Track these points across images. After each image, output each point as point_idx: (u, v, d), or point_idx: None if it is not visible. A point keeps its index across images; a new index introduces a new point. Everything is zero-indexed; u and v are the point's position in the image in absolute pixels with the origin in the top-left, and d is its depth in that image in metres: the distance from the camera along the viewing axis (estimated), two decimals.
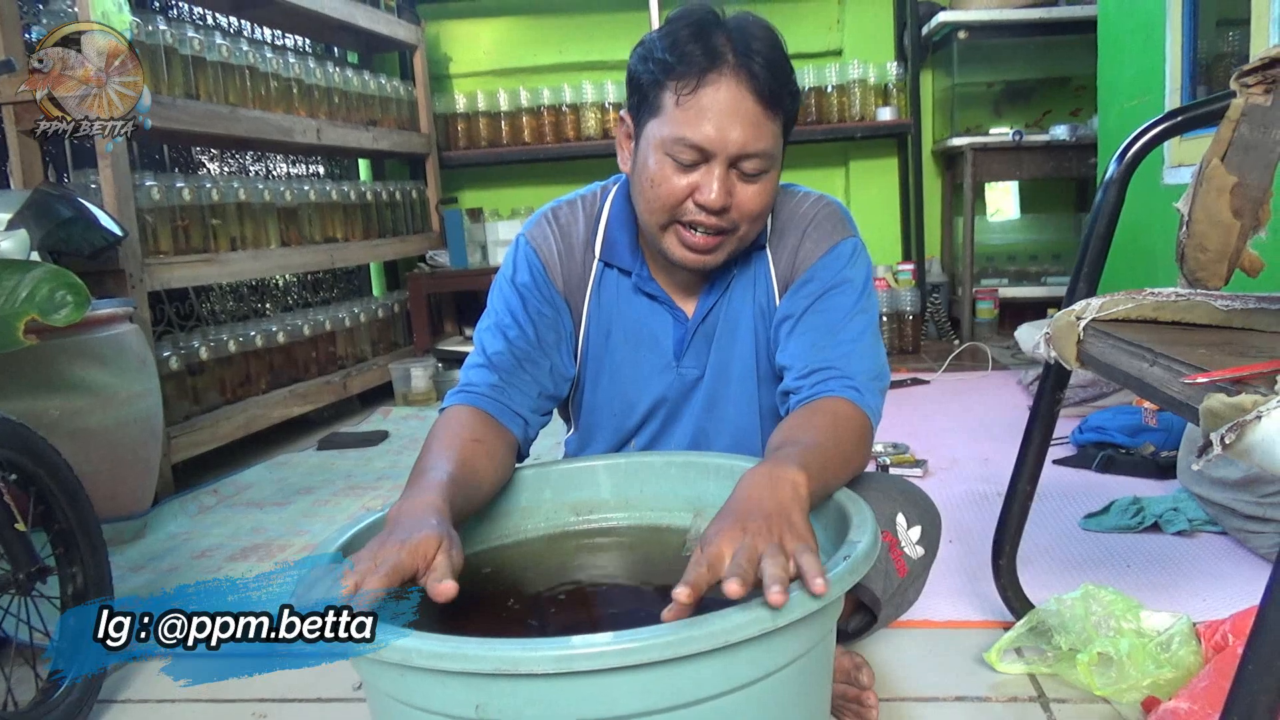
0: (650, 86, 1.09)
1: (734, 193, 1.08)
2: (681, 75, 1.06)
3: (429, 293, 3.91)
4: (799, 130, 4.07)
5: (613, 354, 1.25)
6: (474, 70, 4.48)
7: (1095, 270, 1.23)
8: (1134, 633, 1.18)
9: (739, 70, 1.05)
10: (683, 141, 1.06)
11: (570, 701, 0.69)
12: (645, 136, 1.11)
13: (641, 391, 1.26)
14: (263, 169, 3.64)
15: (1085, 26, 3.39)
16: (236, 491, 2.50)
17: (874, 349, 1.15)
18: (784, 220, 1.22)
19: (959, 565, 1.65)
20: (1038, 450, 1.30)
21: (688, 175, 1.08)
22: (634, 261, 1.22)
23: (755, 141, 1.06)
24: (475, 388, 1.13)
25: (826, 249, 1.19)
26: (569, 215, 1.25)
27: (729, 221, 1.10)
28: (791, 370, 1.13)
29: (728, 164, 1.07)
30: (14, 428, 1.30)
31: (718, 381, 1.24)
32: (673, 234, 1.12)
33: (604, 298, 1.24)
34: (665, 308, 1.23)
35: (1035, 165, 3.83)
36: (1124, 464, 2.13)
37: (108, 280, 2.30)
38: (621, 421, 1.28)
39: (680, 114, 1.06)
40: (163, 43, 2.63)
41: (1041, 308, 3.91)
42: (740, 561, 0.72)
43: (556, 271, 1.22)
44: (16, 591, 1.25)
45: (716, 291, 1.22)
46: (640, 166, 1.12)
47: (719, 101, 1.05)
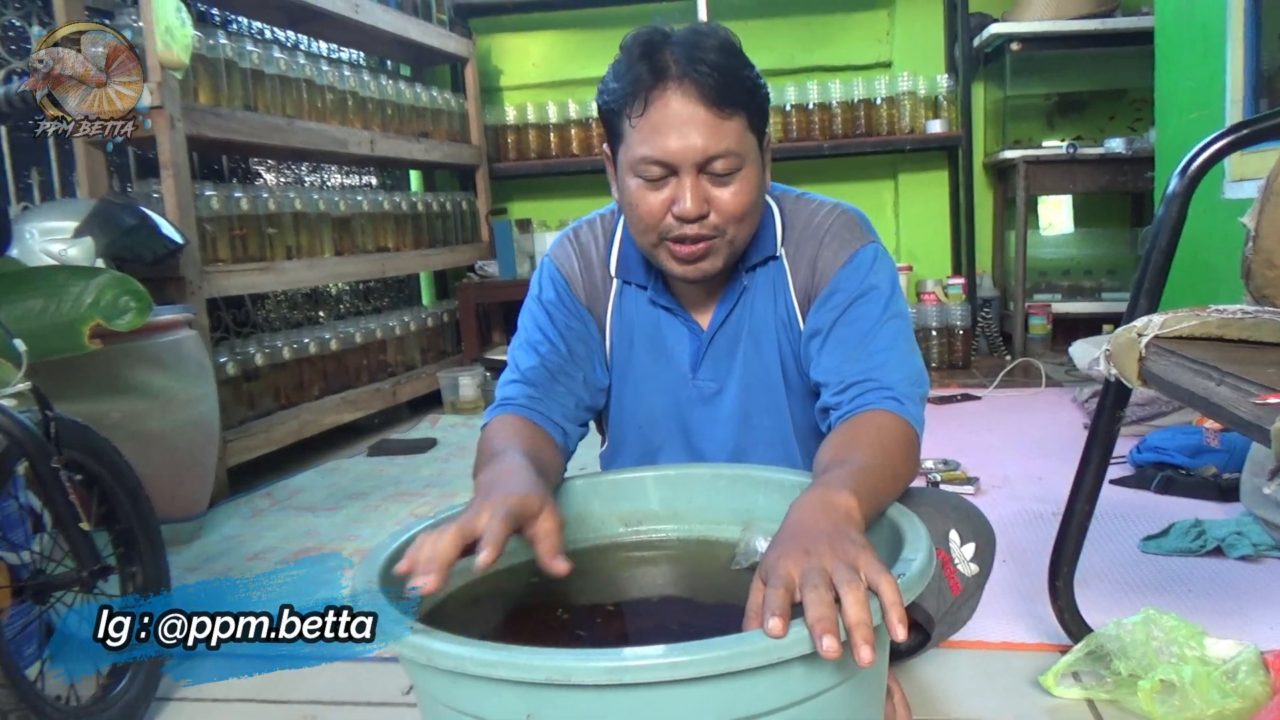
0: (611, 116, 1.12)
1: (710, 199, 1.09)
2: (632, 98, 1.08)
3: (478, 302, 3.95)
4: (847, 143, 4.09)
5: (635, 368, 1.26)
6: (524, 82, 4.53)
7: (1157, 286, 1.20)
8: (1198, 660, 1.14)
9: (682, 80, 1.06)
10: (645, 160, 1.07)
11: (620, 713, 0.69)
12: (619, 164, 1.13)
13: (661, 405, 1.26)
14: (318, 180, 3.71)
15: (1142, 38, 3.33)
16: (289, 495, 2.54)
17: (909, 355, 1.13)
18: (800, 230, 1.21)
19: (1013, 585, 1.62)
20: (1097, 469, 1.27)
21: (661, 191, 1.09)
22: (648, 276, 1.23)
23: (715, 144, 1.06)
24: (513, 400, 1.15)
25: (846, 258, 1.17)
26: (588, 234, 1.28)
27: (712, 228, 1.10)
28: (828, 386, 1.12)
29: (695, 171, 1.07)
30: (80, 429, 1.33)
31: (748, 395, 1.24)
32: (664, 251, 1.13)
33: (625, 311, 1.25)
34: (680, 320, 1.24)
35: (1089, 179, 3.76)
36: (1184, 485, 2.08)
37: (168, 287, 2.36)
38: (646, 435, 1.28)
39: (637, 135, 1.08)
40: (223, 56, 2.70)
41: (1096, 324, 3.83)
42: (815, 582, 0.70)
43: (579, 287, 1.25)
44: (79, 589, 1.28)
45: (729, 302, 1.21)
46: (622, 193, 1.14)
47: (669, 114, 1.06)
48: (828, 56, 4.36)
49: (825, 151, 4.08)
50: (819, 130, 4.12)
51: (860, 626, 0.67)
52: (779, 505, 1.06)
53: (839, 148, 4.09)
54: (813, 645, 0.67)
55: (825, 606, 0.68)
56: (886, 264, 1.19)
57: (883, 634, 0.77)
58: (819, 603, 0.68)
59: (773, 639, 0.67)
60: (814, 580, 0.70)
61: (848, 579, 0.70)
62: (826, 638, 0.66)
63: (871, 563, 0.73)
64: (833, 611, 0.68)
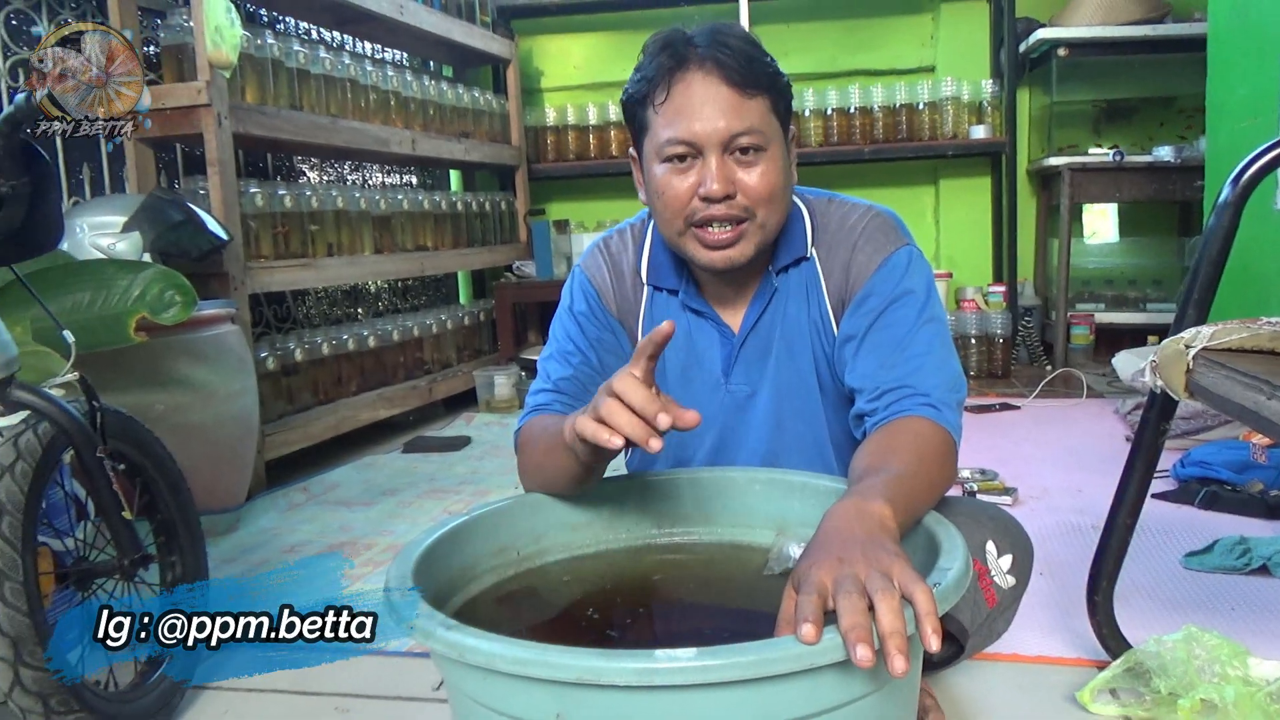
0: (635, 109, 1.14)
1: (736, 180, 1.09)
2: (654, 85, 1.10)
3: (514, 302, 3.97)
4: (888, 147, 4.06)
5: (667, 375, 1.25)
6: (564, 84, 4.55)
7: (1206, 297, 1.18)
8: (1240, 680, 1.12)
9: (704, 61, 1.07)
10: (670, 141, 1.09)
11: (650, 715, 0.68)
12: (645, 156, 1.14)
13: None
14: (359, 178, 3.75)
15: (1193, 44, 3.26)
16: (325, 490, 2.57)
17: (945, 360, 1.11)
18: (833, 232, 1.20)
19: (1050, 599, 1.59)
20: (1139, 482, 1.25)
21: (687, 175, 1.10)
22: (679, 280, 1.23)
23: (738, 122, 1.07)
24: (546, 406, 1.17)
25: (880, 261, 1.16)
26: (619, 244, 1.28)
27: (740, 209, 1.10)
28: (863, 393, 1.11)
29: (720, 151, 1.08)
30: (124, 420, 1.36)
31: (782, 400, 1.23)
32: (692, 238, 1.13)
33: (656, 319, 1.24)
34: (711, 323, 1.23)
35: (1136, 187, 3.69)
36: (1229, 501, 2.03)
37: (212, 282, 2.40)
38: (678, 440, 1.27)
39: (661, 119, 1.09)
40: (270, 56, 2.74)
41: (1140, 334, 3.76)
42: (849, 589, 0.69)
43: (610, 298, 1.26)
44: (121, 577, 1.31)
45: (759, 305, 1.21)
46: (649, 184, 1.15)
47: (691, 95, 1.07)
48: (871, 60, 4.33)
49: (865, 156, 4.05)
50: (860, 134, 4.09)
51: (894, 635, 0.66)
52: (813, 511, 1.05)
53: (879, 152, 4.06)
54: (845, 653, 0.66)
55: (859, 614, 0.67)
56: (922, 267, 1.17)
57: (916, 644, 0.76)
58: (853, 610, 0.67)
59: (805, 645, 0.67)
60: (847, 588, 0.70)
61: (882, 587, 0.69)
62: (860, 646, 0.65)
63: (906, 571, 0.72)
64: (866, 620, 0.67)
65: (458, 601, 0.96)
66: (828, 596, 0.71)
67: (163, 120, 2.42)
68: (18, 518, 1.14)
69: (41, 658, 1.11)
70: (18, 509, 1.14)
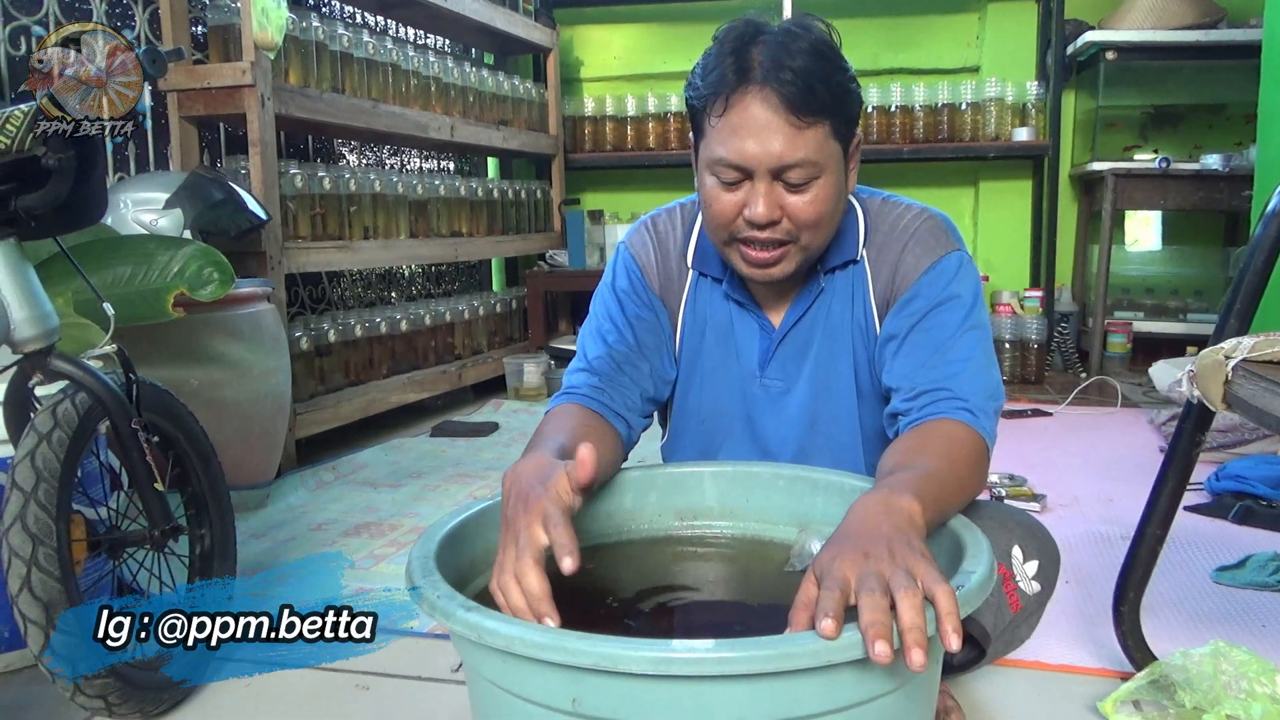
0: (694, 112, 1.12)
1: (784, 205, 1.08)
2: (714, 97, 1.07)
3: (546, 290, 3.98)
4: (927, 148, 4.01)
5: (704, 360, 1.25)
6: (604, 75, 4.55)
7: (1249, 307, 1.15)
8: (1268, 697, 1.09)
9: (764, 86, 1.04)
10: (721, 161, 1.07)
11: (665, 704, 0.69)
12: (699, 159, 1.13)
13: (726, 400, 1.25)
14: (397, 162, 3.78)
15: (1246, 51, 3.19)
16: (353, 470, 2.60)
17: (986, 368, 1.10)
18: (884, 233, 1.19)
19: (1076, 607, 1.57)
20: (1172, 494, 1.23)
21: (735, 194, 1.08)
22: (724, 270, 1.22)
23: (791, 152, 1.04)
24: (578, 389, 1.16)
25: (929, 264, 1.15)
26: (667, 224, 1.28)
27: (784, 233, 1.09)
28: (899, 392, 1.10)
29: (770, 177, 1.06)
30: (160, 394, 1.38)
31: (818, 399, 1.22)
32: (735, 251, 1.13)
33: (699, 304, 1.25)
34: (753, 316, 1.23)
35: (1182, 195, 3.61)
36: (1265, 517, 1.99)
37: (250, 261, 2.43)
38: (710, 429, 1.27)
39: (716, 135, 1.07)
40: (315, 39, 2.77)
41: (1179, 345, 3.70)
42: (871, 586, 0.69)
43: (654, 277, 1.25)
44: (151, 547, 1.33)
45: (804, 303, 1.20)
46: (700, 187, 1.14)
47: (748, 119, 1.05)
48: (913, 59, 4.28)
49: (904, 156, 4.01)
50: (900, 134, 4.05)
51: (913, 630, 0.66)
52: (837, 509, 1.05)
53: (918, 152, 4.01)
54: (864, 651, 0.66)
55: (880, 612, 0.67)
56: (971, 273, 1.16)
57: (936, 645, 0.76)
58: (874, 608, 0.67)
59: (824, 641, 0.66)
60: (870, 585, 0.69)
61: (905, 585, 0.69)
62: (879, 642, 0.65)
63: (929, 571, 0.71)
64: (887, 617, 0.67)
65: (479, 584, 0.96)
66: (850, 592, 0.70)
67: (207, 99, 2.45)
68: (53, 485, 1.16)
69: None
70: (54, 476, 1.17)
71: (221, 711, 1.32)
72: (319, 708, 1.33)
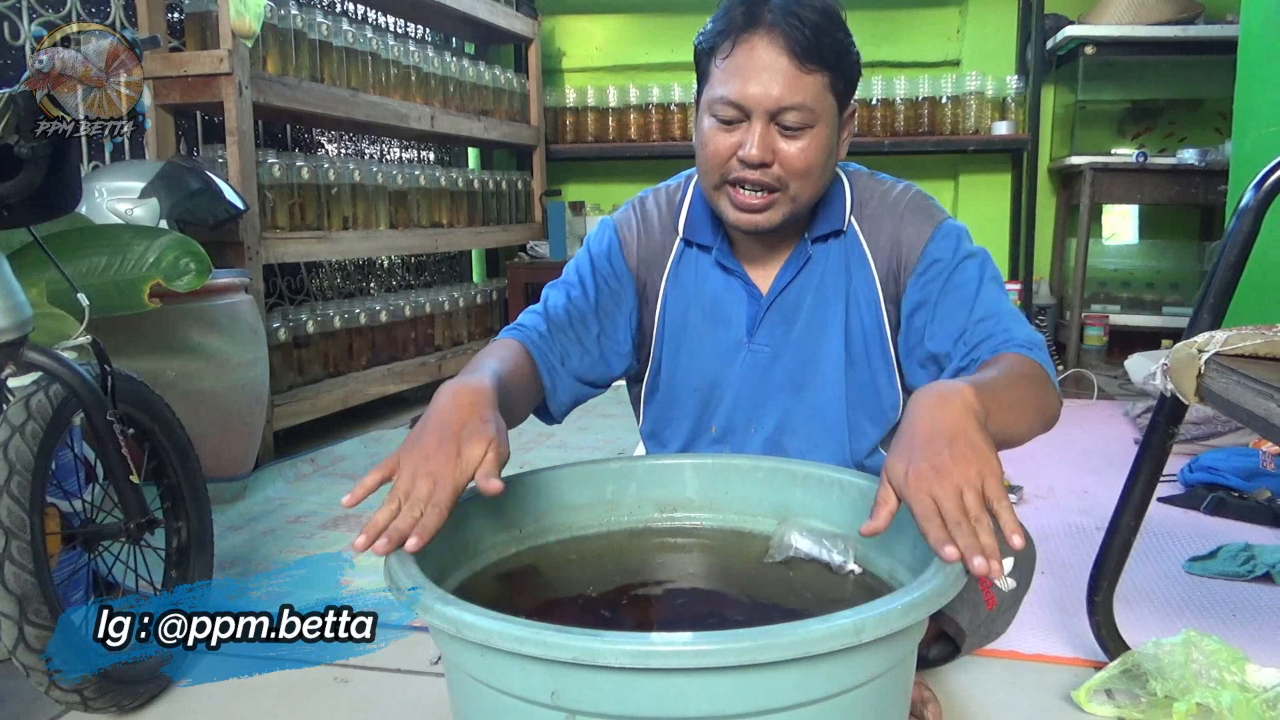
0: (701, 56, 1.15)
1: (777, 150, 1.10)
2: (721, 38, 1.11)
3: (527, 282, 3.97)
4: (908, 141, 4.03)
5: (692, 331, 1.26)
6: (586, 65, 4.53)
7: (1222, 302, 1.17)
8: (1237, 686, 1.11)
9: (773, 28, 1.08)
10: (721, 99, 1.10)
11: (644, 697, 0.69)
12: (701, 104, 1.16)
13: (716, 368, 1.26)
14: (377, 152, 3.75)
15: (1223, 47, 3.22)
16: (332, 462, 2.58)
17: (1018, 315, 1.14)
18: (875, 206, 1.22)
19: (1051, 598, 1.59)
20: (1145, 485, 1.24)
21: (731, 134, 1.11)
22: (714, 238, 1.24)
23: (790, 95, 1.07)
24: (524, 329, 1.18)
25: (932, 230, 1.18)
26: (653, 202, 1.30)
27: (774, 179, 1.11)
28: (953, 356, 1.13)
29: (767, 119, 1.09)
30: (136, 385, 1.37)
31: (804, 365, 1.23)
32: (724, 195, 1.15)
33: (683, 276, 1.26)
34: (740, 282, 1.24)
35: (1158, 189, 3.65)
36: (1236, 508, 2.02)
37: (227, 251, 2.41)
38: (703, 398, 1.28)
39: (720, 75, 1.10)
40: (293, 26, 2.74)
41: (1154, 338, 3.73)
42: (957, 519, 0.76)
43: (632, 250, 1.27)
44: (127, 540, 1.32)
45: (791, 270, 1.22)
46: (696, 133, 1.17)
47: (753, 59, 1.08)
48: (894, 52, 4.29)
49: (886, 149, 4.02)
50: (880, 127, 4.06)
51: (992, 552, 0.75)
52: (817, 501, 1.05)
53: (899, 145, 4.03)
54: (839, 643, 0.67)
55: (971, 537, 0.75)
56: (968, 234, 1.21)
57: (913, 635, 0.77)
58: (968, 534, 0.76)
59: (800, 633, 0.67)
60: (956, 517, 0.76)
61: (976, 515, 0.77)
62: (978, 558, 0.75)
63: (994, 486, 0.79)
64: (976, 540, 0.75)
65: (459, 577, 0.96)
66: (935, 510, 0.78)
67: (184, 87, 2.43)
68: (27, 477, 1.15)
69: (46, 616, 1.12)
70: (27, 469, 1.15)
71: (199, 706, 1.31)
72: (298, 701, 1.32)
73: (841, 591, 0.95)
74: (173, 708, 1.30)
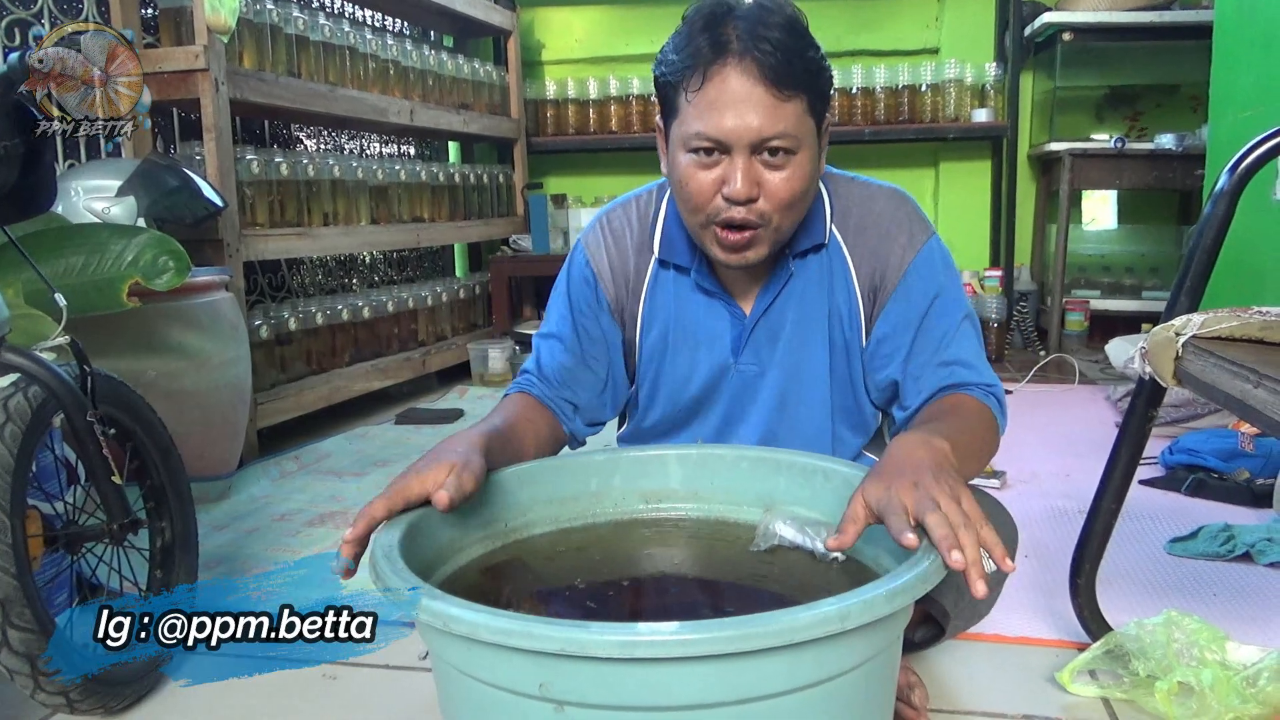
0: (667, 89, 1.10)
1: (761, 182, 1.07)
2: (689, 73, 1.06)
3: (510, 276, 3.96)
4: (889, 129, 4.04)
5: (671, 352, 1.25)
6: (566, 57, 4.51)
7: (1198, 285, 1.18)
8: (1218, 664, 1.13)
9: (743, 57, 1.03)
10: (699, 136, 1.06)
11: (632, 687, 0.69)
12: (671, 139, 1.11)
13: (699, 390, 1.25)
14: (357, 148, 3.73)
15: (1199, 32, 3.24)
16: (317, 460, 2.57)
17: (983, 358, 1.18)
18: (858, 216, 1.19)
19: (1034, 581, 1.60)
20: (1125, 468, 1.26)
21: (712, 171, 1.07)
22: (692, 259, 1.21)
23: (770, 125, 1.04)
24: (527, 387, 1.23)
25: (915, 254, 1.16)
26: (622, 220, 1.26)
27: (758, 215, 1.08)
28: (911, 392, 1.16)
29: (749, 152, 1.05)
30: (116, 385, 1.36)
31: (789, 381, 1.23)
32: (710, 234, 1.12)
33: (659, 298, 1.24)
34: (723, 304, 1.22)
35: (1137, 174, 3.68)
36: (1216, 489, 2.04)
37: (206, 249, 2.39)
38: (682, 418, 1.28)
39: (693, 110, 1.06)
40: (269, 21, 2.71)
41: (1135, 322, 3.77)
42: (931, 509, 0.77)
43: (607, 279, 1.24)
44: (110, 541, 1.31)
45: (774, 289, 1.20)
46: (672, 169, 1.12)
47: (726, 92, 1.04)
48: (874, 40, 4.30)
49: (866, 137, 4.03)
50: (861, 115, 4.07)
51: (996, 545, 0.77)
52: (801, 489, 1.06)
53: (880, 134, 4.04)
54: (825, 630, 0.68)
55: (947, 528, 0.76)
56: (946, 256, 1.20)
57: (898, 620, 0.77)
58: (942, 524, 0.76)
59: (785, 621, 0.67)
60: (929, 507, 0.78)
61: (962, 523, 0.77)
62: (955, 551, 0.74)
63: (974, 506, 0.79)
64: (954, 532, 0.76)
65: (445, 572, 0.96)
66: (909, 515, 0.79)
67: (159, 84, 2.40)
68: (6, 480, 1.14)
69: (29, 619, 1.11)
70: (7, 471, 1.14)
71: (187, 705, 1.31)
72: (287, 698, 1.32)
73: (827, 579, 0.96)
74: (160, 708, 1.29)
